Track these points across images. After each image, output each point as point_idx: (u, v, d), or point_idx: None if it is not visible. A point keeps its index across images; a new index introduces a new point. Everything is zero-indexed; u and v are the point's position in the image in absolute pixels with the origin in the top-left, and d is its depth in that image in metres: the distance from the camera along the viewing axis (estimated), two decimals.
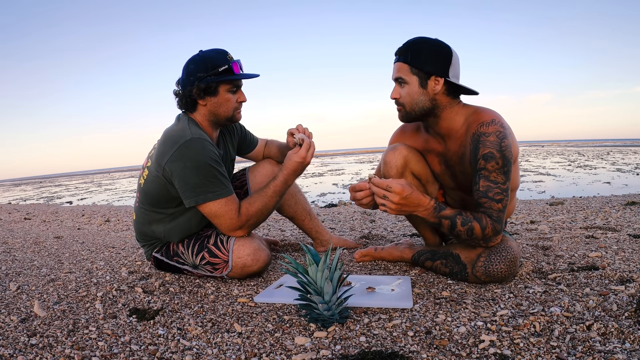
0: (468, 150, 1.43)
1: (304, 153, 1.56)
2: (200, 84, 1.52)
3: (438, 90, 1.42)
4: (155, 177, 1.54)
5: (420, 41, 1.44)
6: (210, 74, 1.52)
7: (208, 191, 1.49)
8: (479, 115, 1.41)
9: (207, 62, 1.53)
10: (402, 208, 1.33)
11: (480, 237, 1.35)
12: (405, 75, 1.43)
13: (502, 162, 1.35)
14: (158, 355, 1.02)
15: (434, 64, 1.40)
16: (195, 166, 1.46)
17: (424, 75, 1.41)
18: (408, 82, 1.43)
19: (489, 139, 1.36)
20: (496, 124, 1.37)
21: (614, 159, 12.05)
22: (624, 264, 1.51)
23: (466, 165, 1.46)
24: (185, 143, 1.47)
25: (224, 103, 1.58)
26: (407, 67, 1.42)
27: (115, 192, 11.09)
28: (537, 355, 0.93)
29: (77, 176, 45.25)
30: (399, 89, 1.46)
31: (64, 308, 1.35)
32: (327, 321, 1.14)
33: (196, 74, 1.52)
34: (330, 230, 2.73)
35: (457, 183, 1.56)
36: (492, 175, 1.35)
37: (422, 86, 1.42)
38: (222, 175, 1.52)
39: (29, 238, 2.98)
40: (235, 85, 1.58)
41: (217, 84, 1.54)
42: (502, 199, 1.35)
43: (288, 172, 1.58)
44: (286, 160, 1.59)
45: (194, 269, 1.63)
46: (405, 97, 1.45)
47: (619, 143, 36.44)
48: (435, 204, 1.36)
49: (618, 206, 3.11)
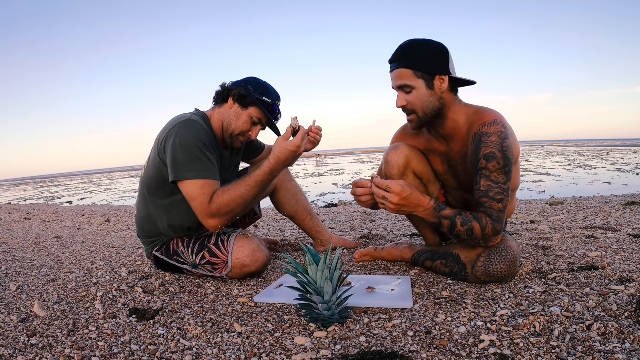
0: (470, 150, 1.42)
1: (299, 141, 1.45)
2: (244, 92, 1.61)
3: (445, 88, 1.41)
4: (154, 161, 1.58)
5: (415, 43, 1.41)
6: (255, 94, 1.62)
7: (188, 169, 1.47)
8: (481, 115, 1.41)
9: (264, 88, 1.65)
10: (401, 208, 1.33)
11: (480, 237, 1.35)
12: (410, 80, 1.40)
13: (503, 162, 1.35)
14: (158, 355, 1.02)
15: (436, 63, 1.39)
16: (182, 143, 1.49)
17: (429, 77, 1.39)
18: (415, 86, 1.40)
19: (490, 139, 1.36)
20: (498, 124, 1.37)
21: (614, 159, 12.05)
22: (624, 264, 1.51)
23: (468, 165, 1.45)
24: (182, 122, 1.53)
25: (241, 121, 1.64)
26: (410, 72, 1.39)
27: (115, 192, 11.09)
28: (537, 355, 0.93)
29: (77, 176, 45.24)
30: (404, 96, 1.43)
31: (64, 308, 1.35)
32: (327, 321, 1.14)
33: (248, 86, 1.63)
34: (330, 230, 2.73)
35: (459, 183, 1.56)
36: (494, 175, 1.35)
37: (429, 88, 1.40)
38: (207, 159, 1.51)
39: (29, 238, 2.98)
40: (259, 120, 1.65)
41: (252, 104, 1.62)
42: (503, 198, 1.35)
43: (276, 160, 1.46)
44: (275, 147, 1.47)
45: (193, 268, 1.63)
46: (415, 103, 1.42)
47: (619, 143, 36.43)
48: (435, 204, 1.36)
49: (618, 206, 3.11)
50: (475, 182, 1.39)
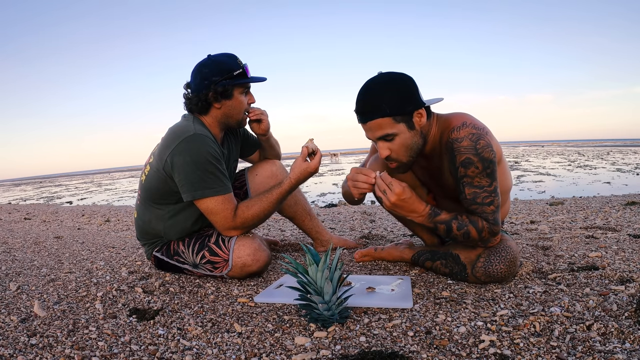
0: (446, 161, 1.38)
1: (317, 164, 1.57)
2: (216, 87, 1.55)
3: (424, 122, 1.34)
4: (156, 172, 1.56)
5: (382, 87, 1.31)
6: (225, 78, 1.55)
7: (206, 187, 1.50)
8: (449, 122, 1.36)
9: (221, 66, 1.56)
10: (395, 208, 1.33)
11: (477, 239, 1.34)
12: (391, 128, 1.30)
13: (482, 165, 1.30)
14: (158, 355, 1.02)
15: (410, 101, 1.30)
16: (195, 161, 1.48)
17: (408, 117, 1.31)
18: (397, 132, 1.31)
19: (462, 145, 1.30)
20: (467, 126, 1.32)
21: (614, 159, 12.05)
22: (624, 264, 1.51)
23: (447, 177, 1.42)
24: (187, 138, 1.49)
25: (238, 105, 1.62)
26: (389, 120, 1.29)
27: (115, 192, 11.09)
28: (537, 355, 0.93)
29: (77, 176, 45.25)
30: (387, 145, 1.34)
31: (64, 308, 1.35)
32: (327, 321, 1.14)
33: (211, 78, 1.55)
34: (330, 230, 2.73)
35: (444, 193, 1.55)
36: (475, 180, 1.32)
37: (410, 128, 1.32)
38: (221, 173, 1.53)
39: (29, 238, 2.98)
40: (246, 87, 1.63)
41: (233, 87, 1.58)
42: (492, 200, 1.33)
43: (296, 180, 1.59)
44: (295, 168, 1.58)
45: (194, 268, 1.63)
46: (399, 150, 1.35)
47: (619, 143, 36.43)
48: (431, 210, 1.34)
49: (618, 206, 3.11)
50: (459, 191, 1.36)
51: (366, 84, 1.34)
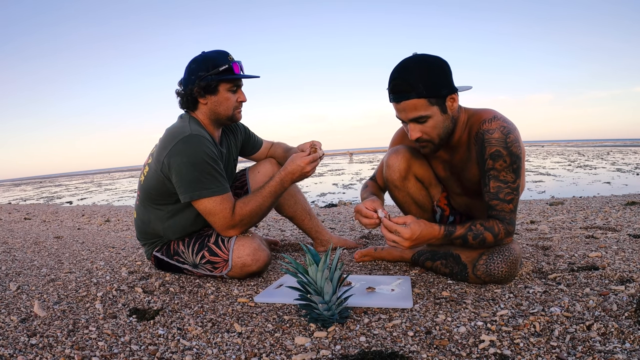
0: (474, 153, 1.40)
1: (307, 160, 1.56)
2: (200, 82, 1.55)
3: (456, 107, 1.34)
4: (155, 173, 1.56)
5: (419, 66, 1.28)
6: (210, 73, 1.55)
7: (203, 187, 1.49)
8: (480, 115, 1.39)
9: (208, 61, 1.56)
10: (414, 244, 1.31)
11: (493, 242, 1.35)
12: (425, 110, 1.29)
13: (510, 159, 1.32)
14: (158, 355, 1.02)
15: (445, 84, 1.30)
16: (191, 162, 1.47)
17: (442, 101, 1.30)
18: (431, 115, 1.30)
19: (493, 136, 1.33)
20: (499, 119, 1.35)
21: (614, 159, 12.05)
22: (624, 264, 1.51)
23: (472, 170, 1.43)
24: (184, 139, 1.49)
25: (224, 102, 1.59)
26: (424, 102, 1.28)
27: (115, 192, 11.09)
28: (537, 355, 0.93)
29: (77, 176, 45.25)
30: (418, 127, 1.33)
31: (64, 308, 1.35)
32: (327, 321, 1.14)
33: (197, 73, 1.55)
34: (330, 230, 2.73)
35: (462, 189, 1.55)
36: (502, 174, 1.33)
37: (443, 112, 1.32)
38: (218, 173, 1.53)
39: (29, 238, 2.98)
40: (235, 84, 1.60)
41: (218, 83, 1.57)
42: (513, 198, 1.34)
43: (286, 172, 1.58)
44: (289, 161, 1.59)
45: (194, 268, 1.63)
46: (431, 132, 1.34)
47: (619, 143, 36.42)
48: (445, 231, 1.33)
49: (618, 206, 3.11)
50: (483, 184, 1.37)
51: (402, 62, 1.32)
